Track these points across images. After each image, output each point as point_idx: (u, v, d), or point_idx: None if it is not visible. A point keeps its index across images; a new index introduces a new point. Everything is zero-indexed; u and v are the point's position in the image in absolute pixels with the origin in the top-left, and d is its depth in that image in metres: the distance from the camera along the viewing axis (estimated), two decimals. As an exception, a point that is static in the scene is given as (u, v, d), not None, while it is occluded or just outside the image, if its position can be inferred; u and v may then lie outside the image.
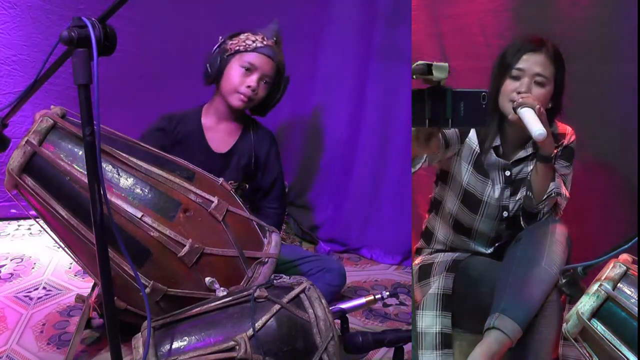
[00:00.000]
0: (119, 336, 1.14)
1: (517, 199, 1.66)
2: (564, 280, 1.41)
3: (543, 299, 1.43)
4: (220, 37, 1.96)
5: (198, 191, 1.53)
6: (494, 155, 1.65)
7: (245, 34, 1.94)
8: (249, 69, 1.90)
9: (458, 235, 1.75)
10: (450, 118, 1.09)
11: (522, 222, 1.65)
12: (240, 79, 1.91)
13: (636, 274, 1.32)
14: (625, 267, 1.32)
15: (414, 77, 1.10)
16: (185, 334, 1.27)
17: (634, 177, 1.69)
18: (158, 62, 2.69)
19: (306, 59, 2.58)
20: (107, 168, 1.48)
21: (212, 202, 1.52)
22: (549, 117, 1.54)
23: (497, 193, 1.66)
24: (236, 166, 1.99)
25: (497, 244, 1.72)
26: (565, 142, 1.65)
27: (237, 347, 1.22)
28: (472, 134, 1.67)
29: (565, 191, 1.63)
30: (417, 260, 1.78)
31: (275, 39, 1.95)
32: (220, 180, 1.64)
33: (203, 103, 2.04)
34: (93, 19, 1.06)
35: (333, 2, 2.47)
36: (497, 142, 1.65)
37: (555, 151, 1.62)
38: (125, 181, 1.49)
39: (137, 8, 2.34)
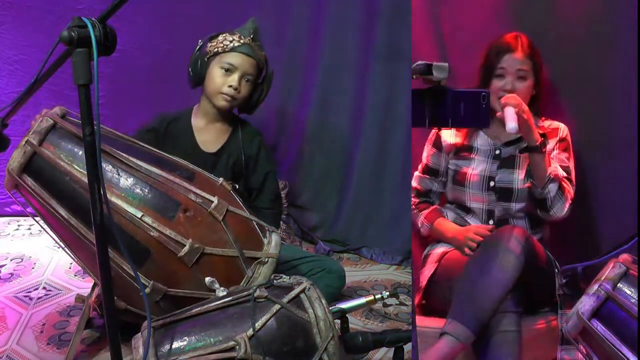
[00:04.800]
0: (119, 336, 1.14)
1: (504, 171, 1.77)
2: (564, 281, 1.41)
3: (496, 304, 1.51)
4: (200, 41, 1.97)
5: (198, 191, 1.53)
6: (484, 135, 1.83)
7: (223, 35, 1.95)
8: (229, 70, 1.92)
9: (456, 214, 1.86)
10: (450, 118, 1.09)
11: (538, 212, 1.74)
12: (221, 79, 1.92)
13: (636, 274, 1.32)
14: (625, 267, 1.33)
15: (414, 77, 1.11)
16: (185, 334, 1.27)
17: (634, 177, 1.69)
18: (157, 62, 2.68)
19: (306, 59, 2.58)
20: (107, 168, 1.48)
21: (212, 202, 1.52)
22: (534, 103, 1.78)
23: (481, 164, 1.80)
24: (225, 165, 1.99)
25: (496, 219, 1.80)
26: (561, 136, 1.80)
27: (237, 347, 1.22)
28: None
29: (566, 178, 1.73)
30: (426, 250, 1.91)
31: (252, 36, 1.95)
32: (220, 180, 1.64)
33: (195, 104, 2.05)
34: (93, 19, 1.06)
35: (333, 2, 2.47)
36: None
37: (555, 145, 1.78)
38: (125, 181, 1.49)
39: (137, 8, 2.34)
